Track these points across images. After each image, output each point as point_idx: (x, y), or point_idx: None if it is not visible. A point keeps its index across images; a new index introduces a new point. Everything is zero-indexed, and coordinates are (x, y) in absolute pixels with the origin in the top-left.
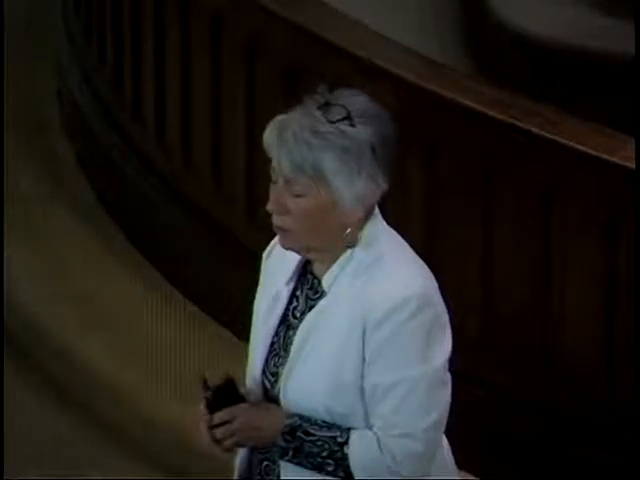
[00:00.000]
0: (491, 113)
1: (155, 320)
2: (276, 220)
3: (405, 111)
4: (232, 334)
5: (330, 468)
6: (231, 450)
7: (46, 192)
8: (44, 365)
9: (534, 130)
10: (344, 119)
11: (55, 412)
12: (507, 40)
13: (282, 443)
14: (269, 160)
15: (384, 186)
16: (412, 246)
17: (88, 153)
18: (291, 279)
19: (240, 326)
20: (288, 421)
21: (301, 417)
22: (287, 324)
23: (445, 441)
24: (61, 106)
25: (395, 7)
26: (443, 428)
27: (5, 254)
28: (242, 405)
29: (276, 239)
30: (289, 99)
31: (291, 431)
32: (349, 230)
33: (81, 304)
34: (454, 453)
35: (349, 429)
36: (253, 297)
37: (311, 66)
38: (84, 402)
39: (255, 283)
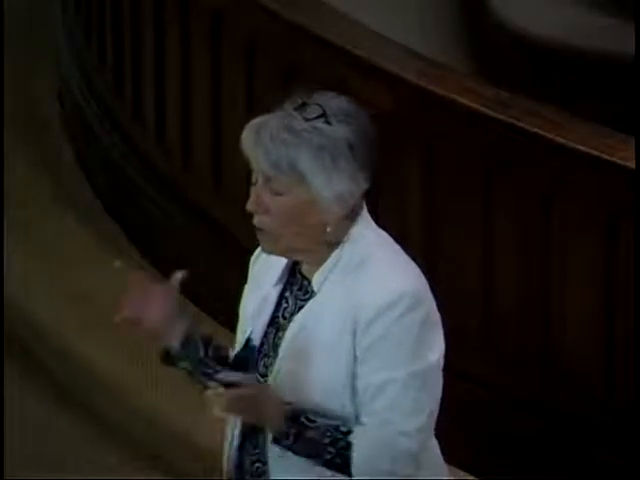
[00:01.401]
0: (491, 113)
1: None
2: (256, 220)
3: (405, 111)
4: (232, 334)
5: (328, 456)
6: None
7: (46, 192)
8: (44, 365)
9: (534, 130)
10: (319, 117)
11: (55, 412)
12: (507, 40)
13: (283, 427)
14: (248, 162)
15: (364, 185)
16: (411, 246)
17: (88, 153)
18: (279, 281)
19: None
20: (290, 406)
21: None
22: (276, 325)
23: (434, 439)
24: (61, 106)
25: (395, 7)
26: (433, 426)
27: (5, 254)
28: (254, 378)
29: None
30: (289, 99)
31: (294, 416)
32: (329, 229)
33: (81, 304)
34: (454, 453)
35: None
36: None
37: (311, 66)
38: (84, 402)
39: None
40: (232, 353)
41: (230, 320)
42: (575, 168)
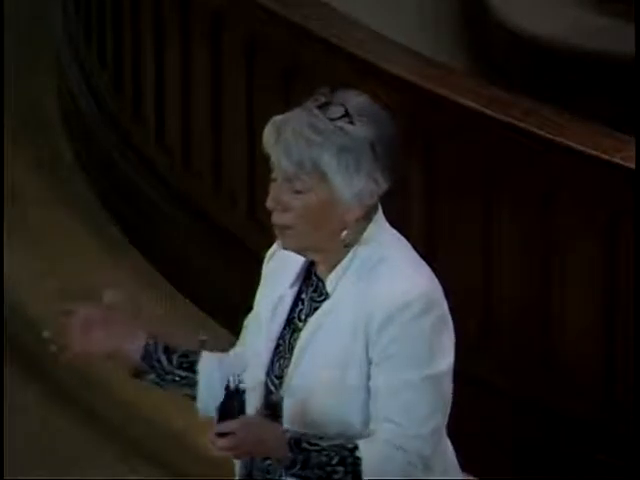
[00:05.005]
0: (491, 113)
1: (155, 320)
2: (275, 217)
3: (405, 111)
4: (231, 334)
5: (338, 476)
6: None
7: (46, 192)
8: (44, 365)
9: (534, 130)
10: (343, 117)
11: (55, 412)
12: (507, 40)
13: (289, 454)
14: (268, 158)
15: (384, 185)
16: (411, 246)
17: (88, 153)
18: (295, 282)
19: (239, 326)
20: (290, 433)
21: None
22: (292, 327)
23: (448, 442)
24: (61, 106)
25: (395, 7)
26: (444, 430)
27: (5, 254)
28: (247, 417)
29: (277, 243)
30: (289, 99)
31: (296, 442)
32: (348, 229)
33: (81, 304)
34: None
35: (351, 438)
36: (253, 297)
37: (311, 66)
38: (84, 402)
39: (255, 283)
40: (233, 351)
41: (230, 320)
42: (575, 168)
